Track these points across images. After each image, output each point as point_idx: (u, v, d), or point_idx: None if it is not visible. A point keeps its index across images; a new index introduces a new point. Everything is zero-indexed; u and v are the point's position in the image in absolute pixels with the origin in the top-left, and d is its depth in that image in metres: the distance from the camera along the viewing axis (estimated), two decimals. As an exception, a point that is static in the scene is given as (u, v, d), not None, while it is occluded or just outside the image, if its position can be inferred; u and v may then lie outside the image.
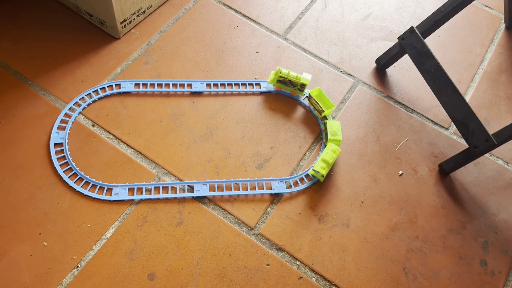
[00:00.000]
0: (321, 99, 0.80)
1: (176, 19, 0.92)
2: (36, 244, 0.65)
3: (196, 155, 0.76)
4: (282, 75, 0.80)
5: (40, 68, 0.82)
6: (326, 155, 0.74)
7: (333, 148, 0.75)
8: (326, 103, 0.80)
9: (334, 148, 0.75)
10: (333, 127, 0.78)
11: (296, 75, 0.81)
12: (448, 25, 0.97)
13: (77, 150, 0.74)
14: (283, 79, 0.81)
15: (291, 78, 0.80)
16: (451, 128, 0.85)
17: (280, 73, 0.80)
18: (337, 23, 0.97)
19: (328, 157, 0.74)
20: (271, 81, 0.83)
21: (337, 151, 0.75)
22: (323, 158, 0.74)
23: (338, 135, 0.77)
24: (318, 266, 0.68)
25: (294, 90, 0.83)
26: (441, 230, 0.74)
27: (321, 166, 0.73)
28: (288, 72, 0.80)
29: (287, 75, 0.80)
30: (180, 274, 0.65)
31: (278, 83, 0.83)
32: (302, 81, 0.81)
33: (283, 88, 0.84)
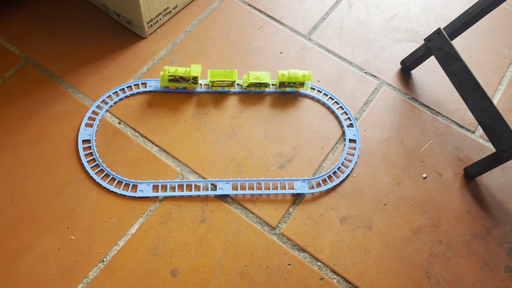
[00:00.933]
0: (291, 78, 0.81)
1: (201, 19, 0.93)
2: (63, 238, 0.67)
3: (219, 154, 0.77)
4: (171, 73, 0.79)
5: (69, 66, 0.84)
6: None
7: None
8: (297, 76, 0.82)
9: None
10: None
11: (185, 70, 0.79)
12: (476, 27, 0.95)
13: (103, 147, 0.76)
14: (174, 78, 0.80)
15: (180, 74, 0.79)
16: (477, 131, 0.84)
17: (169, 72, 0.79)
18: (362, 24, 0.96)
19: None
20: (163, 83, 0.81)
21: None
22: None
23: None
24: (340, 268, 0.68)
25: (189, 85, 0.82)
26: (465, 235, 0.73)
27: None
28: (176, 69, 0.79)
29: (175, 72, 0.79)
30: (202, 271, 0.66)
31: (171, 82, 0.81)
32: (193, 74, 0.79)
33: (178, 86, 0.82)
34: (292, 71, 0.81)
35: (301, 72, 0.82)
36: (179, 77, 0.80)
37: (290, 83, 0.82)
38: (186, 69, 0.79)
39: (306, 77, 0.82)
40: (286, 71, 0.81)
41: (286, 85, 0.83)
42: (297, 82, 0.82)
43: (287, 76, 0.81)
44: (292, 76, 0.81)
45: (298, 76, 0.81)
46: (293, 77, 0.81)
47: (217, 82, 0.81)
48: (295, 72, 0.81)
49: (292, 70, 0.81)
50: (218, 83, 0.82)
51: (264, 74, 0.82)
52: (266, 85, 0.83)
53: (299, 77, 0.81)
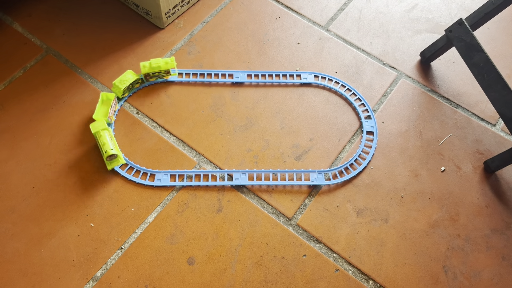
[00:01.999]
0: (155, 68, 0.79)
1: (218, 10, 0.93)
2: (83, 225, 0.69)
3: (235, 144, 0.77)
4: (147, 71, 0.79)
5: (89, 56, 0.85)
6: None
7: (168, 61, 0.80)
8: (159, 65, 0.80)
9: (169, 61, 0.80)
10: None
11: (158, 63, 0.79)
12: (499, 18, 0.93)
13: (122, 137, 0.77)
14: (149, 74, 0.80)
15: (156, 68, 0.79)
16: (498, 124, 0.82)
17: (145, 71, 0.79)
18: (380, 14, 0.95)
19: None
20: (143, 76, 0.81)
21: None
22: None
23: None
24: (355, 260, 0.68)
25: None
26: (484, 229, 0.72)
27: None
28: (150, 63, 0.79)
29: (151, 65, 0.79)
30: (218, 261, 0.67)
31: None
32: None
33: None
34: (154, 61, 0.80)
35: (163, 60, 0.80)
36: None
37: (155, 73, 0.80)
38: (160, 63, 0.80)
39: (169, 64, 0.80)
40: (147, 62, 0.80)
41: (151, 76, 0.81)
42: (162, 71, 0.81)
43: (149, 67, 0.80)
44: (154, 66, 0.80)
45: (160, 65, 0.80)
46: (156, 67, 0.80)
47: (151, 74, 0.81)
48: (157, 62, 0.80)
49: (154, 60, 0.80)
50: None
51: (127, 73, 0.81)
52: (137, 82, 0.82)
53: (162, 66, 0.80)
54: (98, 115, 0.76)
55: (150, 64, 0.79)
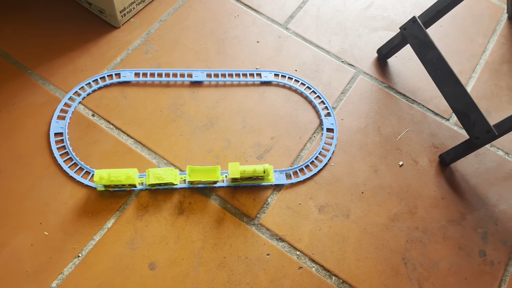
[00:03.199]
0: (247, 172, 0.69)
1: (176, 8, 0.92)
2: (37, 234, 0.66)
3: (196, 145, 0.76)
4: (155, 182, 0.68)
5: (40, 57, 0.81)
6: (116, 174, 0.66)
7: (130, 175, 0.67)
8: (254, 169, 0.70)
9: (130, 175, 0.67)
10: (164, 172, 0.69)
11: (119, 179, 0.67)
12: (451, 15, 0.96)
13: (77, 140, 0.74)
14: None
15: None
16: (452, 119, 0.85)
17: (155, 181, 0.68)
18: (338, 12, 0.96)
19: (115, 175, 0.66)
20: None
21: (130, 179, 0.66)
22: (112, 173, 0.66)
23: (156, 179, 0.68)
24: (318, 256, 0.69)
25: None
26: (441, 220, 0.74)
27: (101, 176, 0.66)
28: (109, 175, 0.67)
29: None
30: (181, 264, 0.66)
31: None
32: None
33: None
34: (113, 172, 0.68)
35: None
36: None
37: (251, 177, 0.71)
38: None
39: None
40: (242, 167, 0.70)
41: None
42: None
43: (244, 170, 0.69)
44: (247, 170, 0.69)
45: (256, 169, 0.70)
46: (250, 172, 0.69)
47: (196, 182, 0.70)
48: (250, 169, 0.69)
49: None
50: (197, 182, 0.71)
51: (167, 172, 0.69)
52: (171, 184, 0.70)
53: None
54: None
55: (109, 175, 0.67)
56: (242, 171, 0.68)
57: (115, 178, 0.66)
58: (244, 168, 0.69)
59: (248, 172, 0.68)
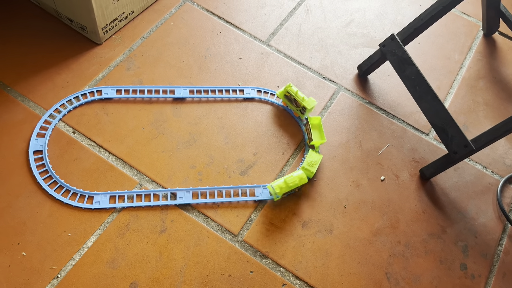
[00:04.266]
0: (317, 129, 0.80)
1: (158, 25, 0.92)
2: (14, 255, 0.64)
3: (179, 162, 0.76)
4: (290, 91, 0.80)
5: (18, 74, 0.80)
6: (290, 179, 0.72)
7: (302, 176, 0.72)
8: (320, 135, 0.79)
9: (302, 177, 0.72)
10: (312, 158, 0.76)
11: (302, 97, 0.79)
12: (428, 32, 0.99)
13: (57, 158, 0.73)
14: (289, 95, 0.81)
15: (296, 97, 0.79)
16: (431, 133, 0.86)
17: (289, 90, 0.80)
18: (319, 29, 0.98)
19: (290, 181, 0.72)
20: (280, 94, 0.82)
21: (303, 180, 0.72)
22: (286, 180, 0.72)
23: (314, 167, 0.75)
24: (302, 272, 0.68)
25: (296, 111, 0.82)
26: (422, 234, 0.75)
27: (280, 186, 0.71)
28: (296, 91, 0.79)
29: (295, 94, 0.79)
30: (163, 283, 0.65)
31: (285, 99, 0.83)
32: (304, 104, 0.79)
33: (288, 105, 0.84)
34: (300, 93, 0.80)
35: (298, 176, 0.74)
36: (293, 98, 0.80)
37: (296, 101, 0.81)
38: (304, 97, 0.79)
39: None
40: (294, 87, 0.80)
41: (289, 99, 0.82)
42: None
43: (295, 91, 0.80)
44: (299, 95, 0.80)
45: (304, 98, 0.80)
46: (300, 97, 0.80)
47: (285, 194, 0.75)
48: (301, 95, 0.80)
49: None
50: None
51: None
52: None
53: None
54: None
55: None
56: (285, 187, 0.72)
57: (291, 183, 0.72)
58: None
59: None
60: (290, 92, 0.80)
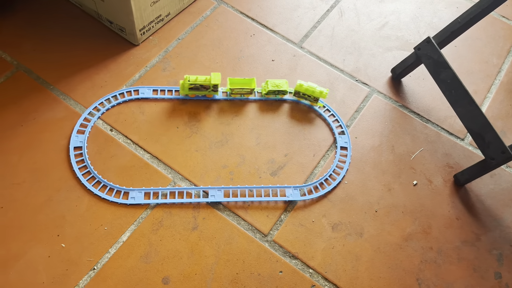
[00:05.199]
0: (308, 90, 0.82)
1: (193, 27, 0.94)
2: (54, 246, 0.67)
3: (211, 161, 0.77)
4: (192, 82, 0.80)
5: (60, 73, 0.84)
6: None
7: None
8: (313, 90, 0.82)
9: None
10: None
11: (205, 78, 0.80)
12: (465, 36, 0.97)
13: (95, 154, 0.76)
14: (194, 86, 0.81)
15: (201, 82, 0.80)
16: (466, 138, 0.85)
17: (189, 81, 0.80)
18: (353, 32, 0.97)
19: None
20: (183, 91, 0.82)
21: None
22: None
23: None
24: (331, 275, 0.68)
25: (209, 92, 0.83)
26: (455, 241, 0.73)
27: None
28: (196, 78, 0.80)
29: (196, 80, 0.80)
30: (194, 279, 0.66)
31: (191, 91, 0.82)
32: (214, 82, 0.80)
33: (198, 94, 0.83)
34: (310, 84, 0.82)
35: (319, 88, 0.82)
36: (200, 85, 0.81)
37: (306, 95, 0.83)
38: (206, 77, 0.80)
39: (322, 94, 0.82)
40: (305, 82, 0.82)
41: (301, 96, 0.84)
42: (312, 96, 0.83)
43: (305, 88, 0.82)
44: (309, 88, 0.82)
45: (314, 90, 0.82)
46: (310, 90, 0.82)
47: (236, 89, 0.83)
48: (313, 86, 0.82)
49: (311, 84, 0.82)
50: (237, 91, 0.83)
51: (283, 82, 0.83)
52: (284, 93, 0.83)
53: (316, 92, 0.82)
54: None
55: (308, 85, 0.82)
56: (305, 89, 0.82)
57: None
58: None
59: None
60: (193, 82, 0.80)
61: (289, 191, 0.75)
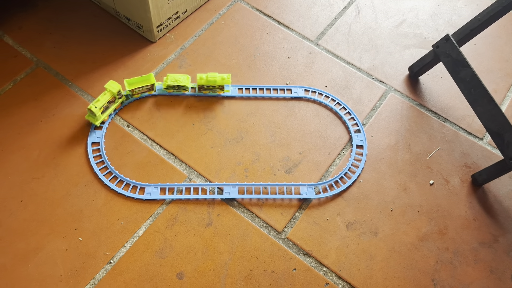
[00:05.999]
0: (210, 81, 0.80)
1: (210, 24, 0.94)
2: (71, 240, 0.68)
3: (226, 158, 0.77)
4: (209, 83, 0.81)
5: (79, 69, 0.85)
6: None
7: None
8: (215, 80, 0.80)
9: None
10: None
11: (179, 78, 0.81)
12: (485, 33, 0.95)
13: (112, 150, 0.77)
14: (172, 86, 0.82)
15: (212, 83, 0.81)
16: (485, 138, 0.83)
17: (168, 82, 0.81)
18: (370, 29, 0.96)
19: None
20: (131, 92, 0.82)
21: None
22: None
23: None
24: (345, 273, 0.68)
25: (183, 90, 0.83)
26: (472, 242, 0.72)
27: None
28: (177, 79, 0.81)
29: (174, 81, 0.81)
30: (208, 275, 0.67)
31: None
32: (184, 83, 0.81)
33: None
34: (211, 74, 0.80)
35: (220, 75, 0.80)
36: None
37: (209, 86, 0.82)
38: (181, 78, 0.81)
39: (225, 80, 0.81)
40: (204, 74, 0.81)
41: (205, 89, 0.83)
42: (216, 86, 0.82)
43: (205, 80, 0.80)
44: (210, 79, 0.80)
45: (216, 79, 0.80)
46: (212, 81, 0.80)
47: (136, 90, 0.81)
48: (214, 76, 0.80)
49: (211, 74, 0.81)
50: (137, 91, 0.81)
51: (184, 77, 0.82)
52: (185, 88, 0.82)
53: (218, 81, 0.80)
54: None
55: (207, 77, 0.80)
56: (206, 81, 0.80)
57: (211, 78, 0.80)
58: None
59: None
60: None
61: (303, 189, 0.75)
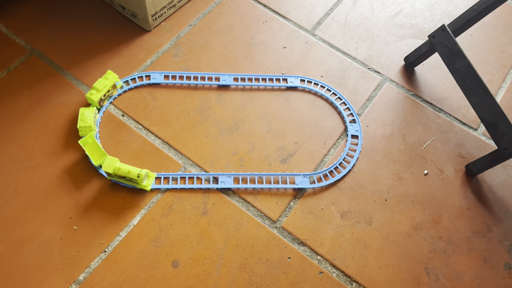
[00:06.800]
0: (93, 147, 0.74)
1: (205, 13, 0.94)
2: (67, 228, 0.68)
3: (221, 147, 0.77)
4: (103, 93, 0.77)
5: (74, 58, 0.84)
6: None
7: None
8: (99, 152, 0.73)
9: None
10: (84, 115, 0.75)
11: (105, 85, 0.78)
12: (481, 24, 0.95)
13: (107, 139, 0.76)
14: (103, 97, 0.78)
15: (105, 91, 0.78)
16: (479, 129, 0.83)
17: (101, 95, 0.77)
18: (366, 19, 0.96)
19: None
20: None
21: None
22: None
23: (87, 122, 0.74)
24: (339, 262, 0.69)
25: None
26: (466, 232, 0.73)
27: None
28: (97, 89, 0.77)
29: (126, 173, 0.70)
30: (203, 263, 0.67)
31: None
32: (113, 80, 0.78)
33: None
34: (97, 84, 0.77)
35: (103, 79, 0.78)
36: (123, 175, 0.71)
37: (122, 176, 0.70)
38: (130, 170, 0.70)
39: (111, 79, 0.78)
40: (93, 90, 0.77)
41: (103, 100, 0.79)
42: (110, 89, 0.78)
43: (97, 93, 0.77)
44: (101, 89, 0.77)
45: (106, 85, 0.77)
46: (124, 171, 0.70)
47: (103, 97, 0.78)
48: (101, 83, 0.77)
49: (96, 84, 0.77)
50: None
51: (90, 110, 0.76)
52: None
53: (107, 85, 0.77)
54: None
55: (96, 89, 0.77)
56: (117, 168, 0.69)
57: (101, 87, 0.75)
58: (120, 166, 0.69)
59: (123, 171, 0.69)
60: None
61: (298, 178, 0.75)
